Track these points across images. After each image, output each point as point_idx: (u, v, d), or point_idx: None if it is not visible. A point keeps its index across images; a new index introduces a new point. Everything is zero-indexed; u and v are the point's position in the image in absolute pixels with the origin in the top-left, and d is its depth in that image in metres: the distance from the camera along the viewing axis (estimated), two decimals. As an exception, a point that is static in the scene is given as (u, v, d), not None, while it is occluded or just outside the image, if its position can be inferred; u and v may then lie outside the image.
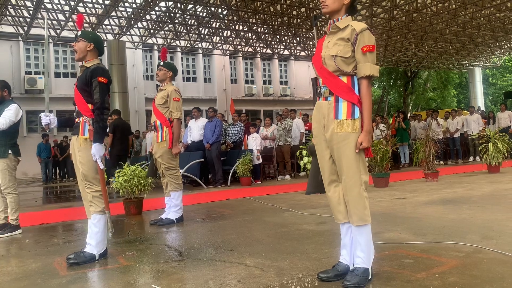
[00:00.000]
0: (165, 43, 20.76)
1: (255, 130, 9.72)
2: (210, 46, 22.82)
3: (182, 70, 24.42)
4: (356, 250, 2.43)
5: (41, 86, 19.17)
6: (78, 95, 3.28)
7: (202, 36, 20.07)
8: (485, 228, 3.63)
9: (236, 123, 10.17)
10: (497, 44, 23.97)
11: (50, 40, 17.93)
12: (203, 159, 8.91)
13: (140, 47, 21.47)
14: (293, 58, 25.45)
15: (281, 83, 28.07)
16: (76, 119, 3.36)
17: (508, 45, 24.56)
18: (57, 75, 20.94)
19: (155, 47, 22.42)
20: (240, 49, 23.07)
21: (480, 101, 28.53)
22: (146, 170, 5.52)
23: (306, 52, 23.53)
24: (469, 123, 13.11)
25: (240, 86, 26.31)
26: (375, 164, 7.40)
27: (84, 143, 3.26)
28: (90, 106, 3.26)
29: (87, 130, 3.26)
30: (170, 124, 4.72)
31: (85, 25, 15.66)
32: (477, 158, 12.57)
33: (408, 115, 19.82)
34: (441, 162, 12.53)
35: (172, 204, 4.78)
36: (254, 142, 9.59)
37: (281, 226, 4.26)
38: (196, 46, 22.86)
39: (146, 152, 11.92)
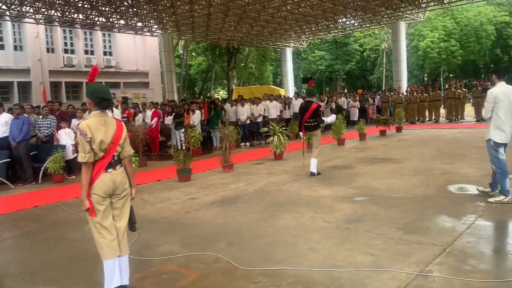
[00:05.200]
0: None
1: (66, 126, 9.81)
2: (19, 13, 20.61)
3: (-15, 36, 21.64)
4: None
5: None
6: None
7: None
8: (233, 235, 4.91)
9: (48, 117, 10.07)
10: (303, 29, 27.69)
11: None
12: (9, 159, 8.75)
13: None
14: (116, 30, 24.75)
15: (105, 53, 27.14)
16: None
17: (311, 32, 28.67)
18: None
19: None
20: (56, 16, 21.30)
21: (290, 78, 32.68)
22: None
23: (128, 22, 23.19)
24: (269, 108, 15.35)
25: (58, 56, 24.58)
26: (178, 161, 8.50)
27: None
28: None
29: None
30: None
31: None
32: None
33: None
34: (247, 144, 14.50)
35: None
36: (67, 137, 9.73)
37: (80, 243, 4.96)
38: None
39: None
